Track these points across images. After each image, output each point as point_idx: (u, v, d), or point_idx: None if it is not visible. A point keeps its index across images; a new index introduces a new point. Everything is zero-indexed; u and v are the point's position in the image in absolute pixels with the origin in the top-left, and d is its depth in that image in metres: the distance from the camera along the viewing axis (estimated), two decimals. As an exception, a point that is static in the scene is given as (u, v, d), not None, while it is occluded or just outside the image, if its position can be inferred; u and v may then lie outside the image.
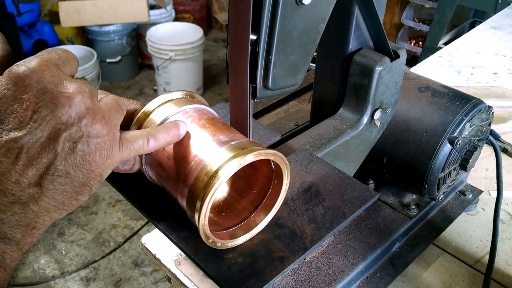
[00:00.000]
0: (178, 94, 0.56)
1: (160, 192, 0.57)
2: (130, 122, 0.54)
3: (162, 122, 0.52)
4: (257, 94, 0.54)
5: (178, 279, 0.84)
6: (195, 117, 0.53)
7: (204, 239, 0.50)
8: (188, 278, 0.81)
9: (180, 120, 0.51)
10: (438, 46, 2.69)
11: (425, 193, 0.84)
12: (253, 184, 0.57)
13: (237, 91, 0.55)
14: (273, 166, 0.54)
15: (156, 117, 0.53)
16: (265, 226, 0.55)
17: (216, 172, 0.46)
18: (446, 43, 2.68)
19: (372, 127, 0.78)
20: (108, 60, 3.11)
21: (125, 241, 2.18)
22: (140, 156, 0.53)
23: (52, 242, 2.15)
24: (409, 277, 0.81)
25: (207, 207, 0.47)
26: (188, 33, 2.99)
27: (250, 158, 0.47)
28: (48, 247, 2.13)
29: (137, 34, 3.27)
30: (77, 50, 2.95)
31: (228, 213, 0.56)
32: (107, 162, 0.43)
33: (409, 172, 0.83)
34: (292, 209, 0.58)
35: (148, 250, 0.92)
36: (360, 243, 0.79)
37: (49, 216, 0.39)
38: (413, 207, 0.87)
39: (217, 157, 0.48)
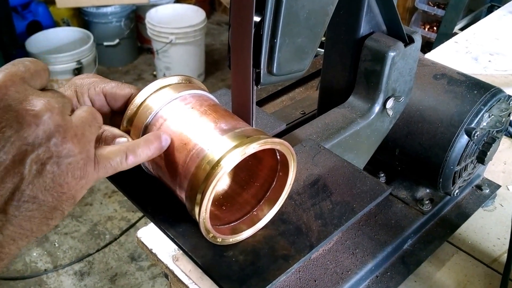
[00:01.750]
0: (175, 79, 0.55)
1: (157, 183, 0.56)
2: (125, 107, 0.52)
3: (159, 109, 0.51)
4: (261, 80, 0.53)
5: (175, 276, 0.83)
6: (195, 104, 0.52)
7: (204, 234, 0.48)
8: (186, 275, 0.81)
9: (162, 132, 0.49)
10: (453, 31, 2.65)
11: (439, 187, 0.82)
12: (256, 176, 0.56)
13: (239, 77, 0.53)
14: (278, 157, 0.52)
15: (152, 103, 0.51)
16: (268, 222, 0.54)
17: (219, 161, 0.45)
18: (462, 29, 2.64)
19: (384, 117, 0.76)
20: (105, 44, 3.09)
21: (121, 234, 2.18)
22: None
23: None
24: (421, 277, 0.80)
25: (209, 199, 0.46)
26: (190, 15, 2.96)
27: (254, 147, 0.46)
28: (41, 239, 2.13)
29: (136, 16, 3.25)
30: (72, 32, 2.93)
31: (229, 207, 0.55)
32: (80, 183, 0.40)
33: (423, 165, 0.82)
34: (298, 203, 0.57)
35: (144, 244, 0.91)
36: (370, 240, 0.78)
37: (15, 245, 0.37)
38: (427, 202, 0.85)
39: (220, 146, 0.46)
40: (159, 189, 0.56)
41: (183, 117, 0.50)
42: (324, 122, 0.72)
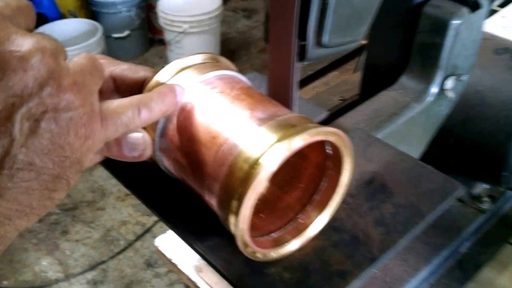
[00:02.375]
0: (199, 58, 0.47)
1: (180, 187, 0.48)
2: (139, 93, 0.45)
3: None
4: (307, 55, 0.45)
5: (199, 289, 0.77)
6: (224, 87, 0.44)
7: (241, 248, 0.41)
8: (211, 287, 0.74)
9: (175, 84, 0.43)
10: (492, 8, 2.52)
11: (501, 181, 0.74)
12: (299, 176, 0.48)
13: (279, 52, 0.45)
14: (328, 151, 0.44)
15: None
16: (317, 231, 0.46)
17: (258, 159, 0.37)
18: (501, 5, 2.51)
19: (441, 100, 0.67)
20: (114, 35, 3.02)
21: (136, 239, 2.13)
22: (153, 138, 0.45)
23: (54, 241, 2.11)
24: (481, 283, 0.75)
25: (249, 206, 0.38)
26: (204, 2, 2.86)
27: (303, 139, 0.38)
28: (51, 247, 2.09)
29: (147, 5, 3.17)
30: (80, 24, 2.87)
31: (268, 214, 0.47)
32: (86, 144, 0.34)
33: (482, 156, 0.75)
34: (352, 207, 0.49)
35: (163, 254, 0.84)
36: (422, 244, 0.71)
37: (13, 226, 0.31)
38: (485, 199, 0.80)
39: (258, 139, 0.39)
40: (183, 194, 0.48)
41: (211, 105, 0.43)
42: (372, 108, 0.63)
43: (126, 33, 3.03)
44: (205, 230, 0.46)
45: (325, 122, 0.63)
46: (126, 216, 2.22)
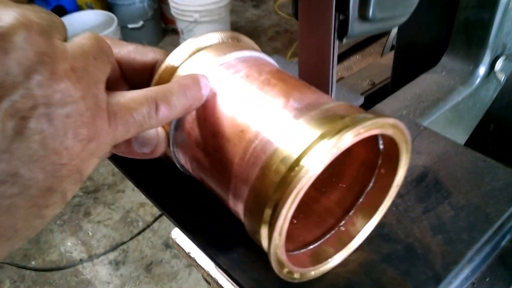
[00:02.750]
0: (217, 37, 0.36)
1: (197, 187, 0.37)
2: (148, 79, 0.34)
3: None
4: (349, 31, 0.33)
5: (219, 286, 0.66)
6: (250, 71, 0.33)
7: (276, 269, 0.30)
8: (233, 284, 0.64)
9: (199, 74, 0.32)
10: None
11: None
12: (340, 174, 0.37)
13: (313, 29, 0.34)
14: (380, 146, 0.33)
15: (187, 73, 0.33)
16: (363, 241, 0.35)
17: (299, 160, 0.26)
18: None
19: (490, 83, 0.55)
20: (129, 26, 2.91)
21: (154, 220, 2.04)
22: (167, 132, 0.34)
23: (78, 222, 2.03)
24: None
25: (287, 218, 0.27)
26: (213, -8, 2.74)
27: (357, 133, 0.27)
28: (74, 228, 2.01)
29: (158, -4, 3.05)
30: (96, 16, 2.76)
31: (303, 220, 0.36)
32: (89, 148, 0.24)
33: None
34: (402, 210, 0.37)
35: (181, 247, 0.74)
36: None
37: None
38: None
39: (300, 133, 0.27)
40: (202, 197, 0.37)
41: (236, 92, 0.32)
42: (414, 92, 0.52)
43: (140, 23, 2.92)
44: (229, 239, 0.35)
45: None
46: (145, 198, 2.12)
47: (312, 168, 0.26)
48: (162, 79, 0.34)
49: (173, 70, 0.34)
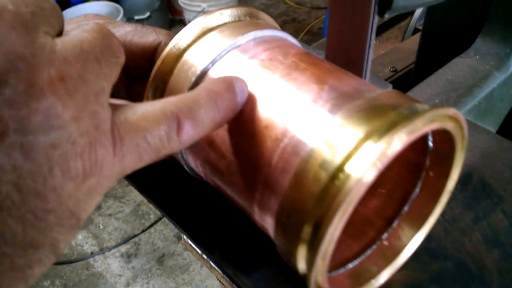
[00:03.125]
0: (229, 14, 0.30)
1: (211, 192, 0.32)
2: (149, 66, 0.29)
3: (209, 67, 0.26)
4: (393, 4, 0.27)
5: (234, 289, 0.61)
6: (273, 54, 0.27)
7: None
8: None
9: (233, 76, 0.25)
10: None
11: None
12: (379, 178, 0.31)
13: (348, 3, 0.28)
14: (430, 144, 0.27)
15: (196, 57, 0.27)
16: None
17: (342, 165, 0.20)
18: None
19: (529, 67, 0.49)
20: (136, 17, 2.84)
21: (165, 213, 1.99)
22: None
23: (88, 216, 1.99)
24: None
25: (331, 240, 0.21)
26: (221, -20, 2.66)
27: (414, 129, 0.21)
28: (85, 221, 1.98)
29: (165, -14, 2.98)
30: (102, 7, 2.69)
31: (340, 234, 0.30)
32: (86, 186, 0.18)
33: None
34: (450, 219, 0.31)
35: (194, 248, 0.69)
36: None
37: None
38: None
39: (343, 130, 0.22)
40: (215, 203, 0.32)
41: (255, 79, 0.26)
42: (445, 78, 0.45)
43: (147, 14, 2.85)
44: (249, 256, 0.30)
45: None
46: (155, 191, 2.08)
47: (363, 175, 0.20)
48: (166, 65, 0.28)
49: (178, 55, 0.28)
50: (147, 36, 0.29)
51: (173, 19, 3.14)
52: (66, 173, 0.17)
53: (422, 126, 0.21)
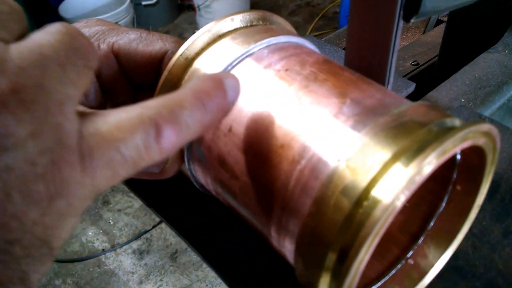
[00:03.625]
0: (241, 19, 0.29)
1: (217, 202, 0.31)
2: (155, 76, 0.29)
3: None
4: (420, 8, 0.26)
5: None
6: (289, 63, 0.26)
7: None
8: None
9: (221, 73, 0.25)
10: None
11: None
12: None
13: (370, 5, 0.27)
14: (458, 157, 0.26)
15: (206, 67, 0.27)
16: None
17: (366, 191, 0.20)
18: None
19: None
20: (143, 3, 2.83)
21: (177, 208, 2.01)
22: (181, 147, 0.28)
23: (97, 211, 2.02)
24: None
25: (357, 271, 0.21)
26: (230, -36, 2.64)
27: (446, 150, 0.20)
28: (94, 217, 2.00)
29: (173, -30, 2.96)
30: (108, -6, 2.69)
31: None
32: (54, 209, 0.16)
33: None
34: (478, 233, 0.31)
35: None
36: None
37: None
38: None
39: (367, 151, 0.21)
40: (223, 217, 0.31)
41: (270, 92, 0.25)
42: (472, 75, 0.44)
43: (154, 0, 2.84)
44: (260, 274, 0.29)
45: (413, 97, 0.44)
46: (166, 185, 2.09)
47: (390, 203, 0.19)
48: (173, 75, 0.27)
49: (186, 65, 0.27)
50: (153, 44, 0.29)
51: (181, 4, 3.13)
52: (27, 198, 0.15)
53: (453, 146, 0.20)
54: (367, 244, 0.19)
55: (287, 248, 0.24)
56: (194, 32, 0.28)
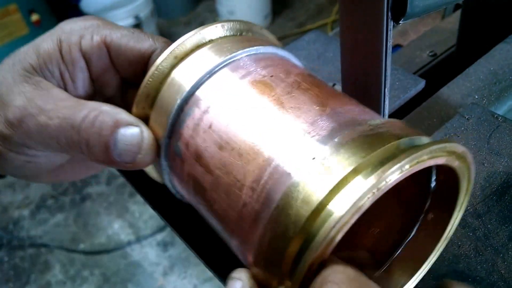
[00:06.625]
0: (221, 29, 0.30)
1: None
2: (143, 73, 0.30)
3: (196, 87, 0.27)
4: (407, 9, 0.26)
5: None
6: (276, 71, 0.26)
7: None
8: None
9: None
10: None
11: None
12: (373, 218, 0.30)
13: (359, 8, 0.27)
14: (432, 182, 0.26)
15: (183, 76, 0.28)
16: (425, 276, 0.29)
17: (325, 203, 0.20)
18: None
19: None
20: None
21: (201, 200, 2.04)
22: (158, 139, 0.28)
23: (123, 204, 2.07)
24: None
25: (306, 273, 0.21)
26: (250, -50, 2.62)
27: (410, 165, 0.21)
28: (121, 210, 2.06)
29: (192, -41, 2.96)
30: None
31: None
32: None
33: None
34: (482, 236, 0.31)
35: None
36: None
37: None
38: None
39: (329, 164, 0.21)
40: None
41: (254, 94, 0.26)
42: (487, 69, 0.43)
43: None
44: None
45: (423, 95, 0.44)
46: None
47: (343, 215, 0.20)
48: (155, 75, 0.28)
49: (166, 74, 0.28)
50: (143, 41, 0.30)
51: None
52: None
53: (414, 164, 0.20)
54: (320, 249, 0.20)
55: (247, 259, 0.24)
56: (214, 20, 0.29)
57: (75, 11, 2.39)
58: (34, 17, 2.41)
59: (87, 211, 2.08)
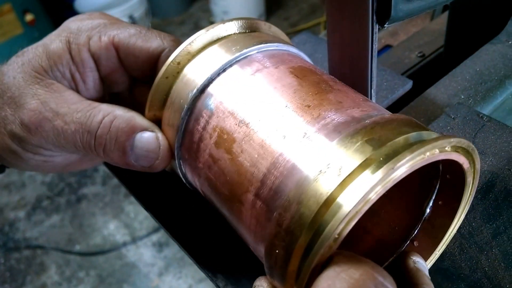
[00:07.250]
0: (232, 26, 0.31)
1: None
2: (152, 72, 0.31)
3: (208, 83, 0.27)
4: (391, 13, 0.26)
5: None
6: (270, 70, 0.27)
7: None
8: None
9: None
10: None
11: None
12: (383, 208, 0.30)
13: (345, 13, 0.27)
14: (440, 173, 0.27)
15: (195, 73, 0.28)
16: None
17: (334, 196, 0.21)
18: None
19: None
20: None
21: (196, 200, 2.04)
22: (172, 144, 0.29)
23: (119, 204, 2.07)
24: None
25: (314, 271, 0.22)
26: None
27: (411, 164, 0.21)
28: (116, 210, 2.06)
29: (187, -41, 2.96)
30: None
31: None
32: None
33: None
34: (466, 234, 0.31)
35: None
36: None
37: None
38: None
39: (337, 159, 0.22)
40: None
41: (249, 99, 0.27)
42: (474, 70, 0.44)
43: (167, -10, 2.85)
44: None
45: (410, 95, 0.44)
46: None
47: (352, 208, 0.20)
48: (167, 78, 0.29)
49: (178, 70, 0.29)
50: (151, 40, 0.31)
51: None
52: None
53: (420, 159, 0.21)
54: (328, 243, 0.20)
55: (260, 253, 0.25)
56: (208, 20, 0.29)
57: (70, 11, 2.38)
58: (29, 17, 2.40)
59: (83, 212, 2.08)
